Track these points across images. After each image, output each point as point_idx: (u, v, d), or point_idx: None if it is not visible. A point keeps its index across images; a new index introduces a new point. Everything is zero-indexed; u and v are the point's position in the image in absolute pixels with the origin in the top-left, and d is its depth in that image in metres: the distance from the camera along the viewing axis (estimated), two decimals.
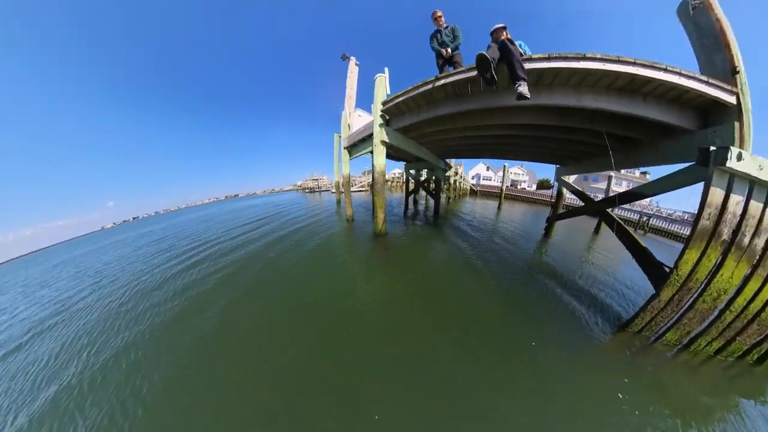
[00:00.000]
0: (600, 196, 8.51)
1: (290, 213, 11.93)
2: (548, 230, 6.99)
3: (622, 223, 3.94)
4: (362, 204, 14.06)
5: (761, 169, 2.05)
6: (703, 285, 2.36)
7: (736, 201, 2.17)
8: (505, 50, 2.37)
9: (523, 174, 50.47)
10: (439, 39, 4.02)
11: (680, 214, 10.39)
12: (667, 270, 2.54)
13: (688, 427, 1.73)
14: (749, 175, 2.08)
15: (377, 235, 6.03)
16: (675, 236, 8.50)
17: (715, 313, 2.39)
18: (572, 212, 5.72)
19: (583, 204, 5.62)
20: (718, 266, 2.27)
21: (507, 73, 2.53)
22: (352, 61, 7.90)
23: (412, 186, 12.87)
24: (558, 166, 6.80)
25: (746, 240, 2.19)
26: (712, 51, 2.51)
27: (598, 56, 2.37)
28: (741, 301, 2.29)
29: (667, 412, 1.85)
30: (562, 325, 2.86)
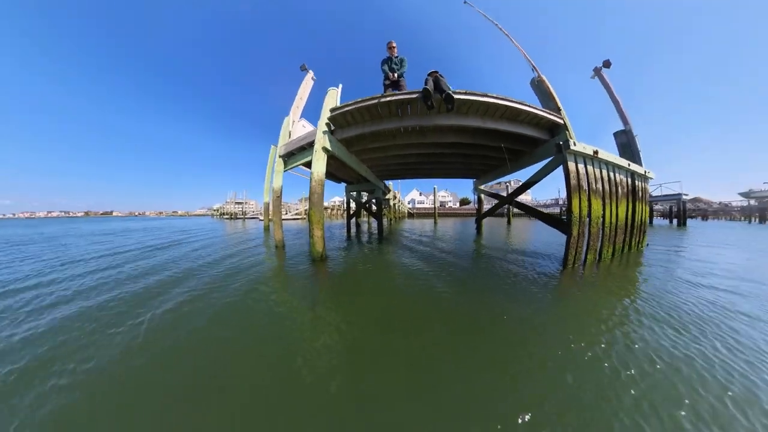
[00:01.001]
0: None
1: (198, 241, 8.52)
2: (479, 228, 8.71)
3: (529, 205, 5.52)
4: (299, 231, 12.50)
5: (584, 149, 3.71)
6: (588, 218, 3.82)
7: (581, 167, 3.76)
8: (438, 82, 3.41)
9: (448, 195, 61.28)
10: (390, 65, 4.81)
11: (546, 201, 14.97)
12: (565, 219, 3.95)
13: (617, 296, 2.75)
14: (582, 152, 3.71)
15: (316, 259, 4.65)
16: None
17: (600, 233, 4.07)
18: (493, 208, 7.42)
19: (498, 201, 7.40)
20: (589, 204, 3.77)
21: (440, 99, 3.54)
22: (310, 74, 7.75)
23: (353, 209, 13.04)
24: (475, 180, 8.77)
25: (594, 187, 3.84)
26: (548, 100, 4.33)
27: (493, 95, 3.69)
28: (607, 221, 4.05)
29: (599, 297, 2.80)
30: (521, 285, 3.15)
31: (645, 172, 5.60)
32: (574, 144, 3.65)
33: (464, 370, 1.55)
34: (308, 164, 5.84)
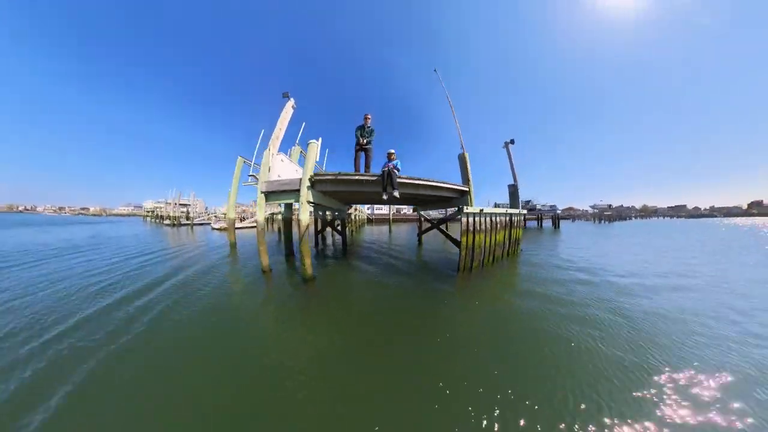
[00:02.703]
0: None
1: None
2: (420, 241, 11.44)
3: (445, 231, 8.20)
4: (269, 245, 12.03)
5: (473, 210, 6.34)
6: (472, 245, 6.36)
7: (471, 219, 6.33)
8: (391, 177, 5.34)
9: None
10: (362, 131, 6.21)
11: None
12: (458, 242, 6.44)
13: (490, 290, 5.03)
14: (471, 212, 6.29)
15: (306, 280, 5.62)
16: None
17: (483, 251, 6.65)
18: (426, 230, 10.08)
19: (430, 225, 10.07)
20: (473, 239, 6.36)
21: (391, 193, 5.51)
22: (291, 102, 7.48)
23: (320, 226, 14.09)
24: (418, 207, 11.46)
25: (479, 228, 6.48)
26: (465, 171, 6.95)
27: (425, 180, 6.04)
28: (488, 244, 6.70)
29: (478, 282, 5.20)
30: (439, 279, 5.75)
31: (519, 211, 8.89)
32: (467, 208, 6.24)
33: (408, 329, 3.49)
34: (289, 203, 7.06)
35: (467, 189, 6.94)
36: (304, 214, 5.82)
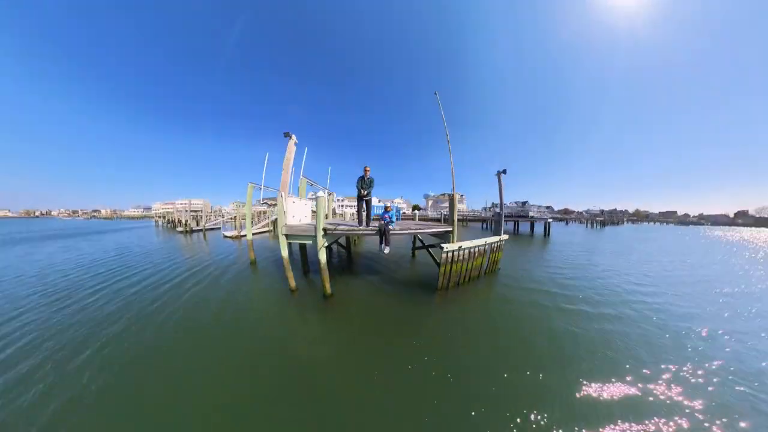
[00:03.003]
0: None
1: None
2: (413, 254, 13.01)
3: (431, 253, 9.73)
4: (273, 252, 13.71)
5: (452, 246, 7.75)
6: (450, 272, 7.81)
7: (450, 254, 7.74)
8: (386, 234, 6.72)
9: (403, 202, 68.99)
10: (362, 183, 7.06)
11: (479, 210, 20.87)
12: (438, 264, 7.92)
13: (462, 302, 6.77)
14: (450, 249, 7.66)
15: (326, 297, 7.04)
16: None
17: (458, 274, 8.12)
18: (418, 248, 11.57)
19: (421, 244, 11.56)
20: (451, 267, 7.77)
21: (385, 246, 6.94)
22: (293, 139, 7.67)
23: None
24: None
25: (456, 259, 7.91)
26: (452, 209, 8.45)
27: (415, 226, 7.55)
28: (464, 269, 8.15)
29: (455, 305, 6.71)
30: (426, 290, 7.45)
31: (500, 239, 10.33)
32: (447, 246, 7.66)
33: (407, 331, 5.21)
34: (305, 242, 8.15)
35: (451, 228, 8.41)
36: (322, 255, 7.10)
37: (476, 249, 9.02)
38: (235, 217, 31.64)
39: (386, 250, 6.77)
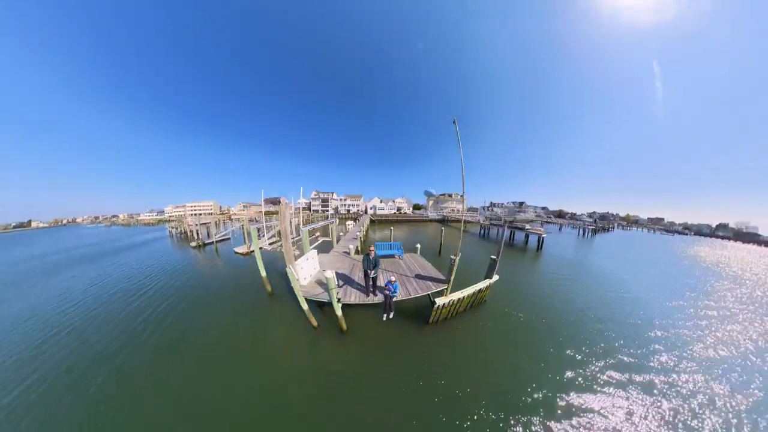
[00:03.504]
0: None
1: None
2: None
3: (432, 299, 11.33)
4: (285, 275, 13.23)
5: (443, 300, 9.31)
6: (439, 315, 9.38)
7: (441, 302, 9.26)
8: (390, 304, 8.25)
9: (404, 201, 69.78)
10: (368, 264, 8.41)
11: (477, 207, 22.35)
12: (434, 303, 9.37)
13: (455, 336, 8.41)
14: (443, 303, 9.24)
15: (342, 332, 8.25)
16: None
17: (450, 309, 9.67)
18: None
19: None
20: (440, 312, 9.37)
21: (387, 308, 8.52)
22: (283, 204, 8.78)
23: None
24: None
25: (448, 305, 9.49)
26: (449, 271, 9.89)
27: (413, 293, 9.02)
28: (454, 309, 9.66)
29: (448, 334, 8.50)
30: (421, 317, 9.17)
31: (489, 283, 11.72)
32: (438, 299, 9.11)
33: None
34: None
35: (446, 285, 9.84)
36: (338, 311, 8.58)
37: (467, 295, 10.57)
38: (242, 226, 32.69)
39: (388, 316, 8.29)
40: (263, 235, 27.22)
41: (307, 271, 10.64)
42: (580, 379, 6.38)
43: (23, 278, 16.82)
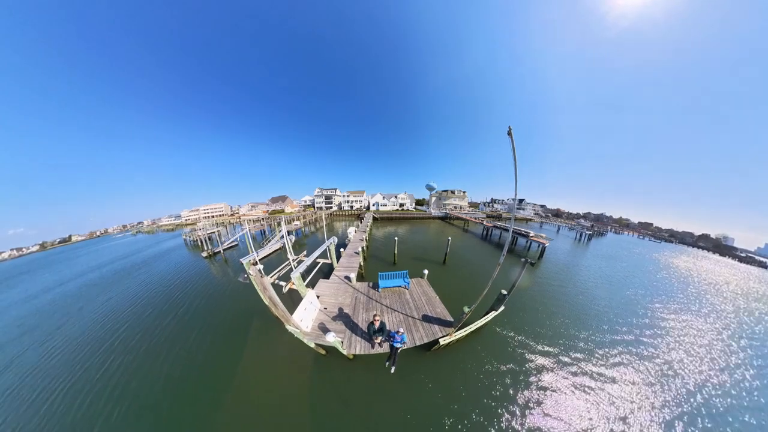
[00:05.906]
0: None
1: None
2: None
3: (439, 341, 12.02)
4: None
5: (458, 334, 9.97)
6: (445, 344, 9.96)
7: (457, 335, 10.06)
8: (395, 355, 8.42)
9: (406, 197, 69.16)
10: (372, 329, 8.85)
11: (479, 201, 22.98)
12: (441, 337, 10.21)
13: (464, 361, 9.44)
14: (445, 341, 9.94)
15: (349, 359, 9.12)
16: None
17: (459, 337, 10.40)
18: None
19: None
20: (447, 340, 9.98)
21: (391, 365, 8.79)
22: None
23: None
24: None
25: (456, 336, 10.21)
26: (459, 321, 10.52)
27: (418, 340, 9.62)
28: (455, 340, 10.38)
29: (453, 356, 9.45)
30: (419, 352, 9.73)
31: (495, 314, 12.14)
32: (444, 339, 9.82)
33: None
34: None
35: (452, 329, 10.23)
36: (346, 350, 9.23)
37: (470, 332, 11.12)
38: (253, 237, 32.94)
39: (392, 370, 8.37)
40: (265, 245, 26.64)
41: (308, 318, 10.47)
42: None
43: (72, 301, 19.50)
